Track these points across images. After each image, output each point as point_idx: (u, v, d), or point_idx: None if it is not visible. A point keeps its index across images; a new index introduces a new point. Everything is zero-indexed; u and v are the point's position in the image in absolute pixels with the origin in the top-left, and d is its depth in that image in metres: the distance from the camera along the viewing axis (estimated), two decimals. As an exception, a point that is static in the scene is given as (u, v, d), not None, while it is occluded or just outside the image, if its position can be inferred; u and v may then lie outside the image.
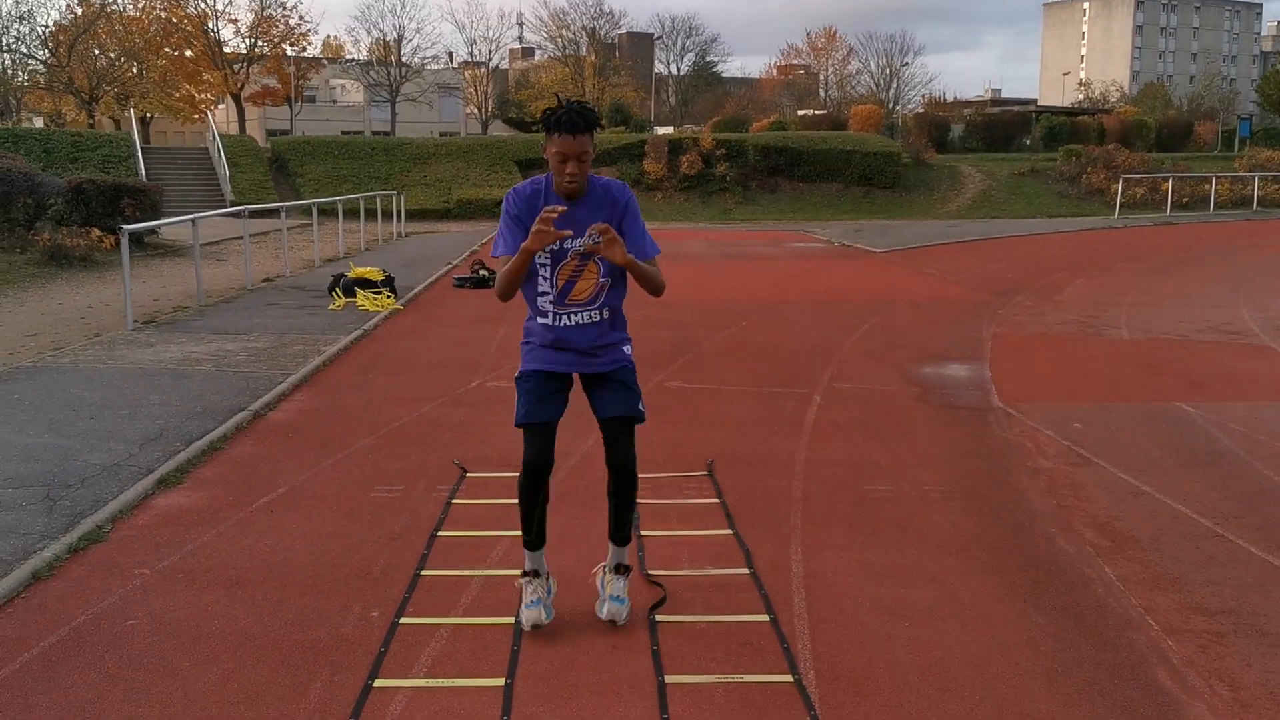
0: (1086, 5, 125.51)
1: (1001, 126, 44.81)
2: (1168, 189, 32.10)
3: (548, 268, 3.38)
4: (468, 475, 5.35)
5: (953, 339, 9.81)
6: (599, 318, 3.46)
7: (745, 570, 4.13)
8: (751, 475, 5.42)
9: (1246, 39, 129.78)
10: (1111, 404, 7.22)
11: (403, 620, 3.65)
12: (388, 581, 4.00)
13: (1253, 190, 33.74)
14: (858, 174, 34.56)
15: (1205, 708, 3.12)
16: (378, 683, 3.21)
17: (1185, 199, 33.25)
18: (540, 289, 3.42)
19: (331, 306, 11.14)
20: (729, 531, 4.57)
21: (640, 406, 3.49)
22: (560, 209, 3.19)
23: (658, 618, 3.64)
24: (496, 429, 6.22)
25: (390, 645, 3.46)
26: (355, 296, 11.43)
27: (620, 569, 3.60)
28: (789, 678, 3.26)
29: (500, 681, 3.22)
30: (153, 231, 17.44)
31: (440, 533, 4.51)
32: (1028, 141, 44.11)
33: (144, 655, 3.38)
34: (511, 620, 3.65)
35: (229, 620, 3.65)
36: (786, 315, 11.35)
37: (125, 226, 9.87)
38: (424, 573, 4.07)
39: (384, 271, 12.25)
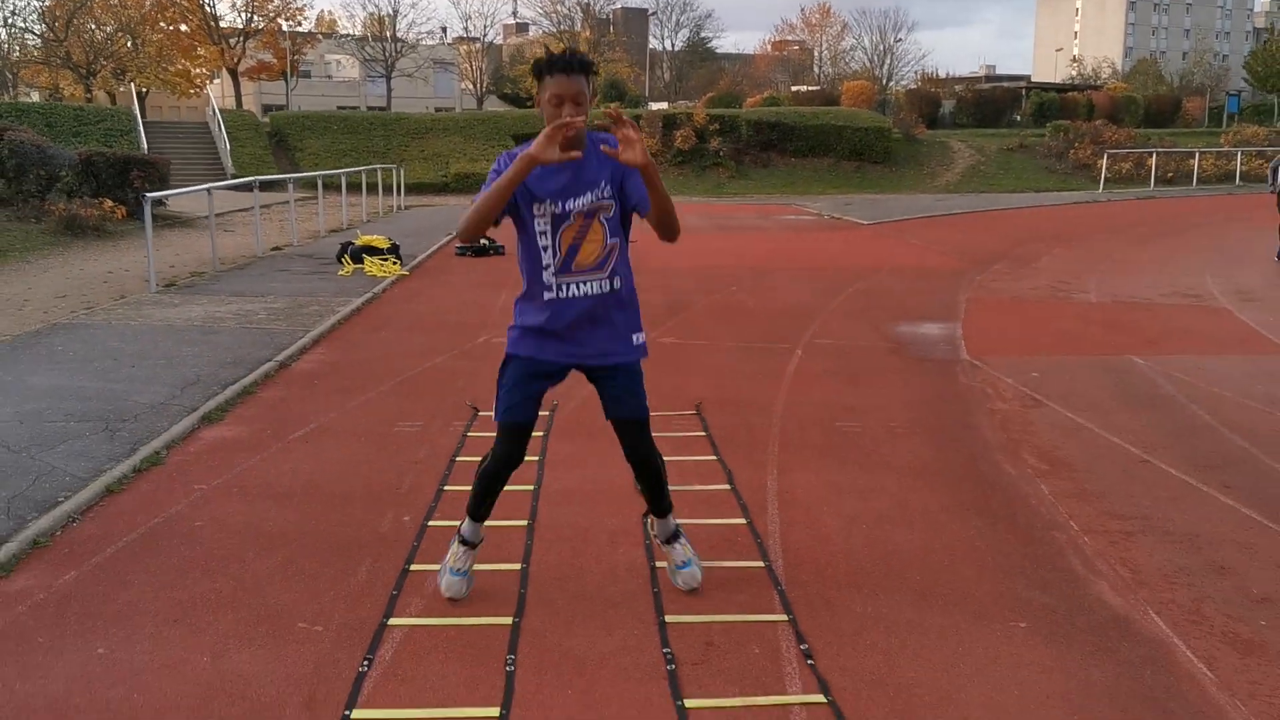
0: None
1: (992, 103, 45.27)
2: (1152, 164, 32.65)
3: (548, 234, 3.11)
4: (479, 414, 5.94)
5: (929, 302, 10.41)
6: (609, 287, 3.19)
7: (727, 486, 4.74)
8: (735, 414, 6.02)
9: (1240, 15, 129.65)
10: (1069, 357, 7.84)
11: (431, 523, 4.25)
12: (415, 495, 4.60)
13: (1236, 166, 34.30)
14: (849, 149, 35.06)
15: (1107, 585, 3.73)
16: (413, 567, 3.81)
17: (1170, 174, 33.82)
18: (543, 260, 3.14)
19: (341, 272, 11.69)
20: (713, 457, 5.17)
21: (645, 406, 3.36)
22: (579, 120, 2.89)
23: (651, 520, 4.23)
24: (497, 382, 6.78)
25: (422, 541, 4.06)
26: (363, 263, 11.98)
27: (674, 538, 3.57)
28: (761, 564, 3.87)
29: (517, 567, 3.82)
30: (161, 203, 17.91)
31: (458, 458, 5.11)
32: (1018, 118, 44.57)
33: (213, 546, 3.98)
34: (525, 523, 4.25)
35: (282, 523, 4.24)
36: (774, 281, 11.93)
37: (148, 194, 10.39)
38: (446, 488, 4.67)
39: (390, 240, 12.80)
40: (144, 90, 47.85)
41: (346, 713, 2.81)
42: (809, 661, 3.14)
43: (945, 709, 2.89)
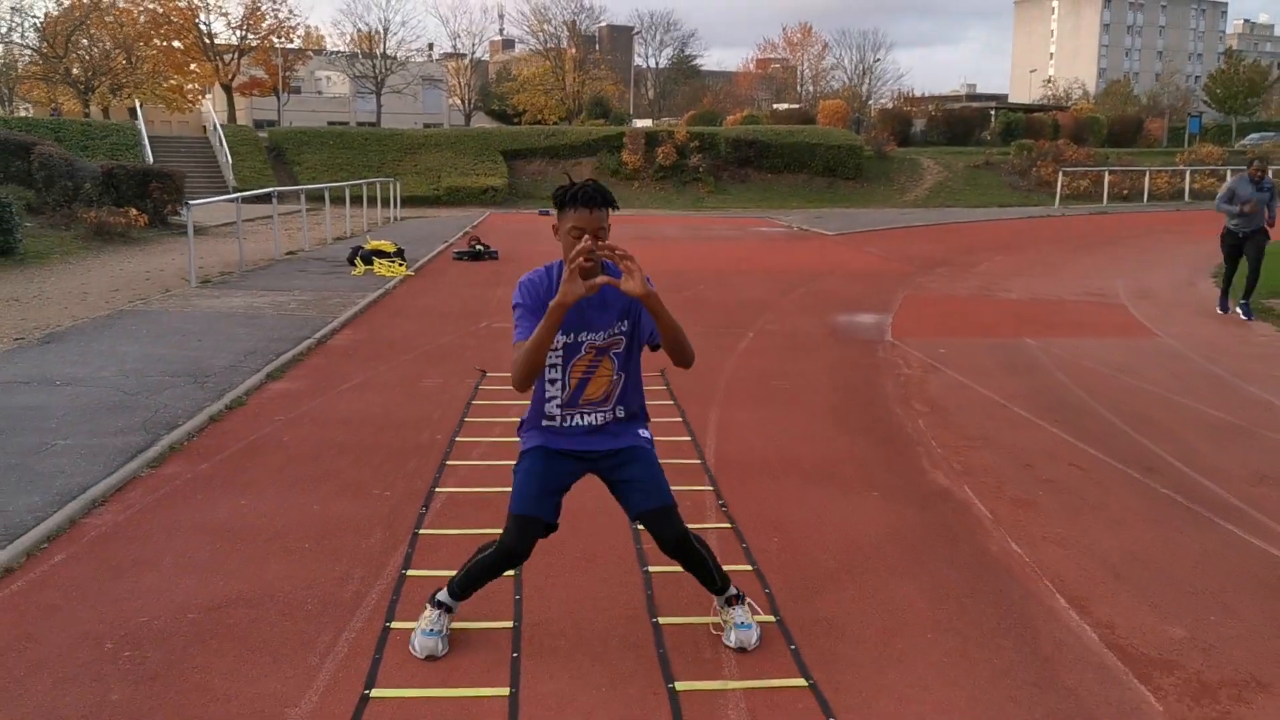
0: (1055, 3, 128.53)
1: (961, 122, 47.16)
2: (1105, 181, 34.47)
3: (559, 366, 3.09)
4: (487, 374, 7.44)
5: (871, 298, 11.97)
6: (611, 418, 3.19)
7: (679, 419, 6.26)
8: (691, 377, 7.46)
9: (1211, 37, 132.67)
10: (975, 339, 9.40)
11: (457, 439, 5.75)
12: (443, 423, 6.09)
13: (1186, 183, 36.16)
14: (822, 165, 36.78)
15: (941, 474, 5.26)
16: (449, 463, 5.31)
17: (1125, 192, 35.63)
18: (548, 393, 3.13)
19: (354, 272, 13.17)
20: (671, 402, 6.69)
21: (668, 491, 3.20)
22: (595, 245, 2.86)
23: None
24: (503, 353, 8.29)
25: (452, 448, 5.56)
26: (373, 264, 13.45)
27: (732, 600, 3.39)
28: (698, 461, 5.39)
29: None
30: (178, 212, 19.40)
31: (474, 401, 6.61)
32: (986, 136, 46.41)
33: (301, 451, 5.47)
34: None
35: (347, 438, 5.74)
36: (738, 281, 13.49)
37: (191, 203, 11.85)
38: (467, 419, 6.18)
39: (396, 244, 14.28)
40: (140, 104, 49.25)
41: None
42: (722, 507, 4.66)
43: (806, 530, 4.41)
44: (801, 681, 3.16)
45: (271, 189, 16.39)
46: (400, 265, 13.58)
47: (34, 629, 3.40)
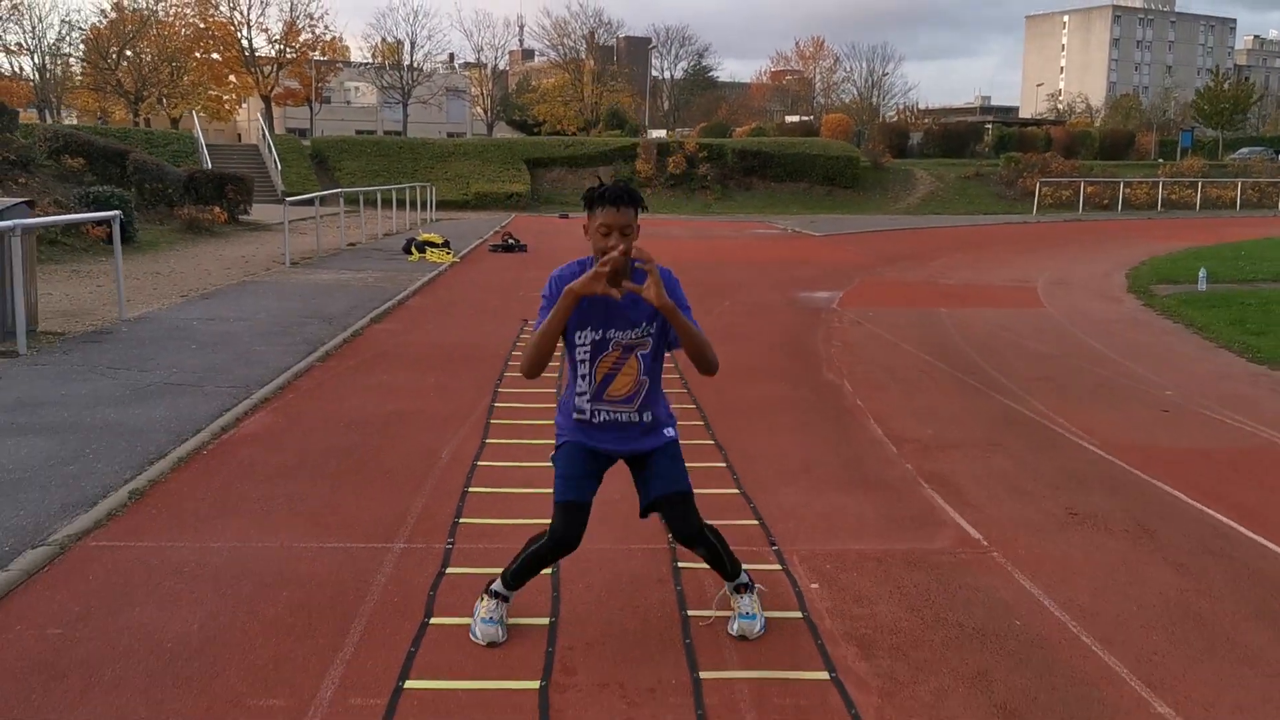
0: (1066, 18, 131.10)
1: (956, 135, 49.87)
2: (1085, 192, 37.10)
3: (587, 362, 3.22)
4: (529, 323, 10.25)
5: (831, 281, 14.73)
6: (637, 419, 3.28)
7: (663, 347, 9.04)
8: (676, 325, 10.32)
9: (1220, 52, 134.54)
10: (901, 308, 12.15)
11: (513, 353, 8.55)
12: (502, 347, 8.88)
13: (1173, 194, 38.77)
14: (822, 175, 39.60)
15: (832, 375, 8.03)
16: (510, 362, 8.10)
17: (1105, 202, 38.25)
18: (578, 387, 3.26)
19: (410, 259, 16.01)
20: (659, 338, 9.47)
21: (687, 479, 3.32)
22: (623, 249, 2.98)
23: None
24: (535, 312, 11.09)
25: (509, 361, 8.35)
26: (425, 252, 16.30)
27: (741, 589, 3.54)
28: (676, 376, 8.17)
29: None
30: (245, 211, 22.39)
31: (521, 337, 9.42)
32: (981, 149, 49.07)
33: (411, 358, 8.29)
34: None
35: (439, 353, 8.55)
36: (726, 269, 16.27)
37: (288, 200, 14.72)
38: (518, 343, 8.97)
39: (443, 238, 17.13)
40: (179, 116, 52.45)
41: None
42: (683, 383, 7.44)
43: (733, 396, 7.18)
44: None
45: (339, 190, 19.26)
46: (448, 254, 16.42)
47: (295, 417, 6.23)
